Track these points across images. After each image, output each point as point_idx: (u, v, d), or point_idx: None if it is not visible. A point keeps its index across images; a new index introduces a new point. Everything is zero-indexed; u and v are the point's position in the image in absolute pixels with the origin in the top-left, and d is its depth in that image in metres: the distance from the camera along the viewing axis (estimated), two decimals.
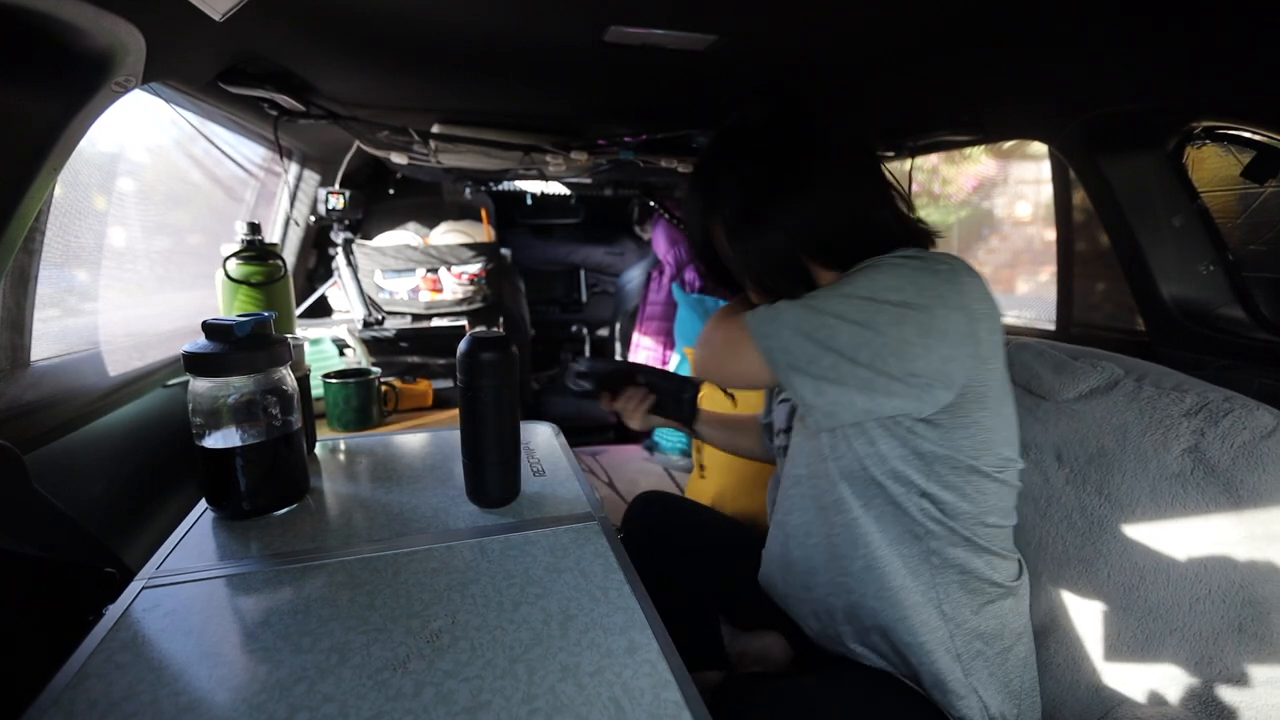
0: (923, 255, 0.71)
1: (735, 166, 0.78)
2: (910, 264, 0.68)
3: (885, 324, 0.66)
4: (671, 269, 2.78)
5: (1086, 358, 0.89)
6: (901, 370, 0.66)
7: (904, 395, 0.67)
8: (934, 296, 0.66)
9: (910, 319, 0.66)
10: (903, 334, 0.66)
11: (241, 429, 0.78)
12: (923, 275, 0.67)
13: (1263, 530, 0.68)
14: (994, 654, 0.75)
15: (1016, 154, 1.83)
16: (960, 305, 0.67)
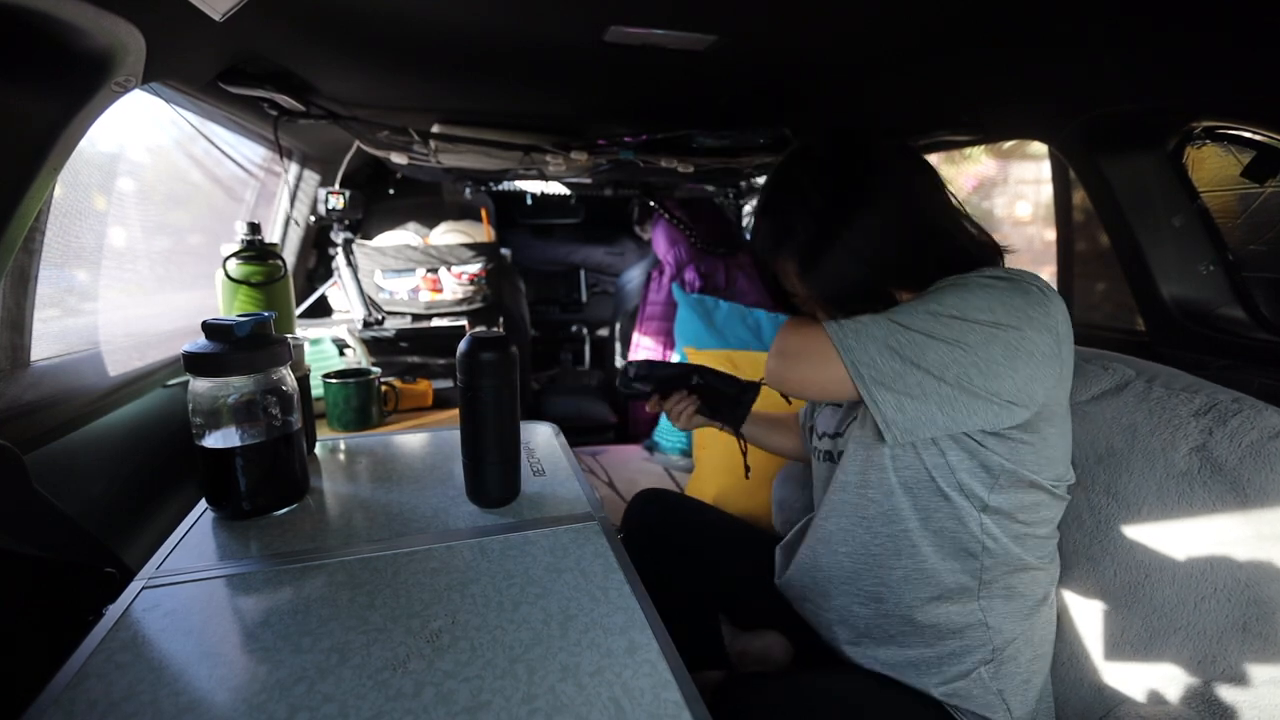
0: (1011, 276, 0.69)
1: (802, 200, 0.77)
2: (999, 284, 0.68)
3: (975, 343, 0.66)
4: (671, 269, 2.78)
5: (1098, 360, 0.90)
6: (986, 389, 0.66)
7: (985, 413, 0.68)
8: (1024, 318, 0.67)
9: (999, 338, 0.66)
10: (990, 353, 0.66)
11: (241, 429, 0.78)
12: (1014, 296, 0.67)
13: (1269, 530, 0.68)
14: (1026, 660, 0.75)
15: (1016, 154, 1.83)
16: (1049, 327, 0.68)
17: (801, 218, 0.77)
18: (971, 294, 0.67)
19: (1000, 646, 0.74)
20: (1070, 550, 0.84)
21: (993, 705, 0.73)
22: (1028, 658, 0.75)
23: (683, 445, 2.56)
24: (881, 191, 0.75)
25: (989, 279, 0.69)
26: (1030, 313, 0.67)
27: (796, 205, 0.77)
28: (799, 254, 0.78)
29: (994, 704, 0.73)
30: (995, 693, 0.73)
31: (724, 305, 2.42)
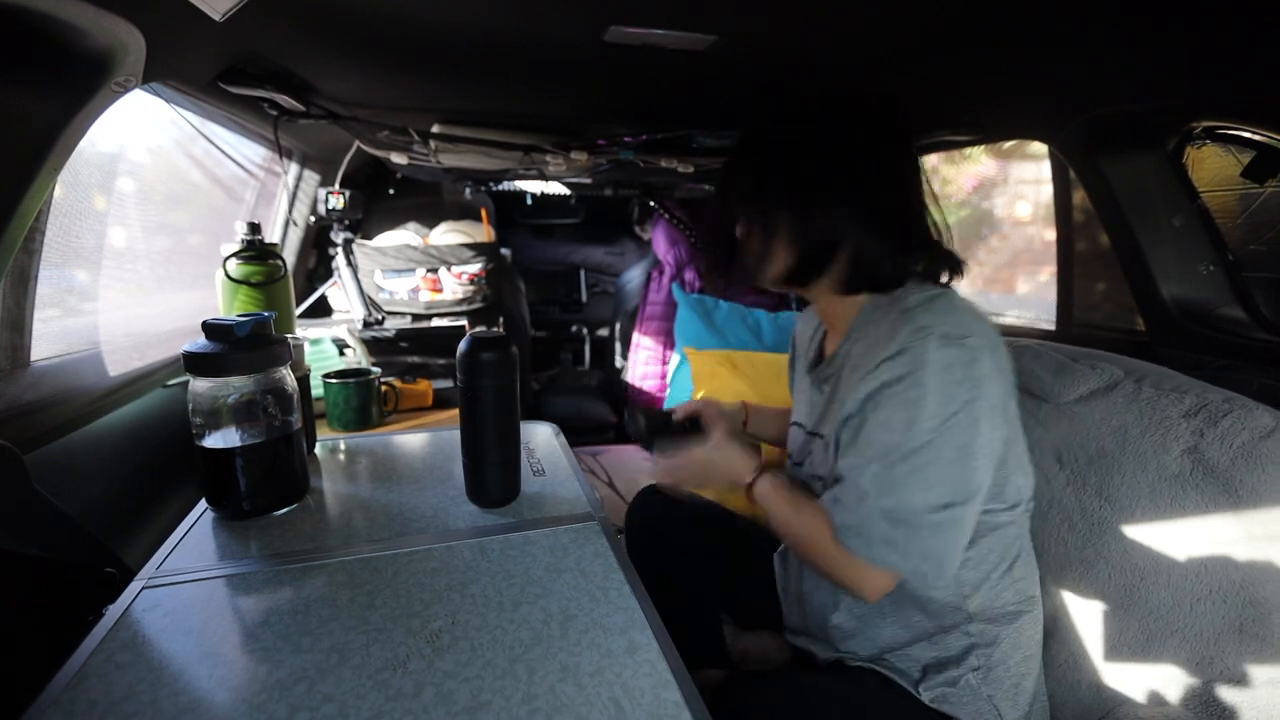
0: (960, 349, 0.68)
1: (796, 147, 0.78)
2: (951, 374, 0.67)
3: (951, 469, 0.67)
4: (671, 269, 2.78)
5: (1086, 359, 0.89)
6: (977, 488, 0.69)
7: (980, 499, 0.70)
8: (980, 408, 0.67)
9: (968, 447, 0.67)
10: (968, 466, 0.67)
11: (241, 429, 0.78)
12: (964, 387, 0.67)
13: (1262, 530, 0.68)
14: (1015, 664, 0.75)
15: (1016, 154, 1.83)
16: (1000, 400, 0.69)
17: (798, 172, 0.77)
18: (928, 402, 0.67)
19: (987, 652, 0.74)
20: (1063, 553, 0.84)
21: (983, 711, 0.73)
22: (1016, 661, 0.75)
23: None
24: (884, 159, 0.77)
25: (940, 371, 0.67)
26: (980, 397, 0.67)
27: (797, 159, 0.78)
28: (776, 196, 0.78)
29: (984, 710, 0.73)
30: (985, 698, 0.73)
31: (724, 305, 2.42)
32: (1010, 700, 0.74)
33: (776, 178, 0.78)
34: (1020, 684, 0.76)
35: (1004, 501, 0.74)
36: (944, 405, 0.66)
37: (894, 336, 0.70)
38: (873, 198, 0.76)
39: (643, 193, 2.63)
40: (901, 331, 0.70)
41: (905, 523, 0.67)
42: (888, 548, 0.68)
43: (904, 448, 0.67)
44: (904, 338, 0.69)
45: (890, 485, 0.68)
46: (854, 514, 0.70)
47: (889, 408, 0.69)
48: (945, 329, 0.68)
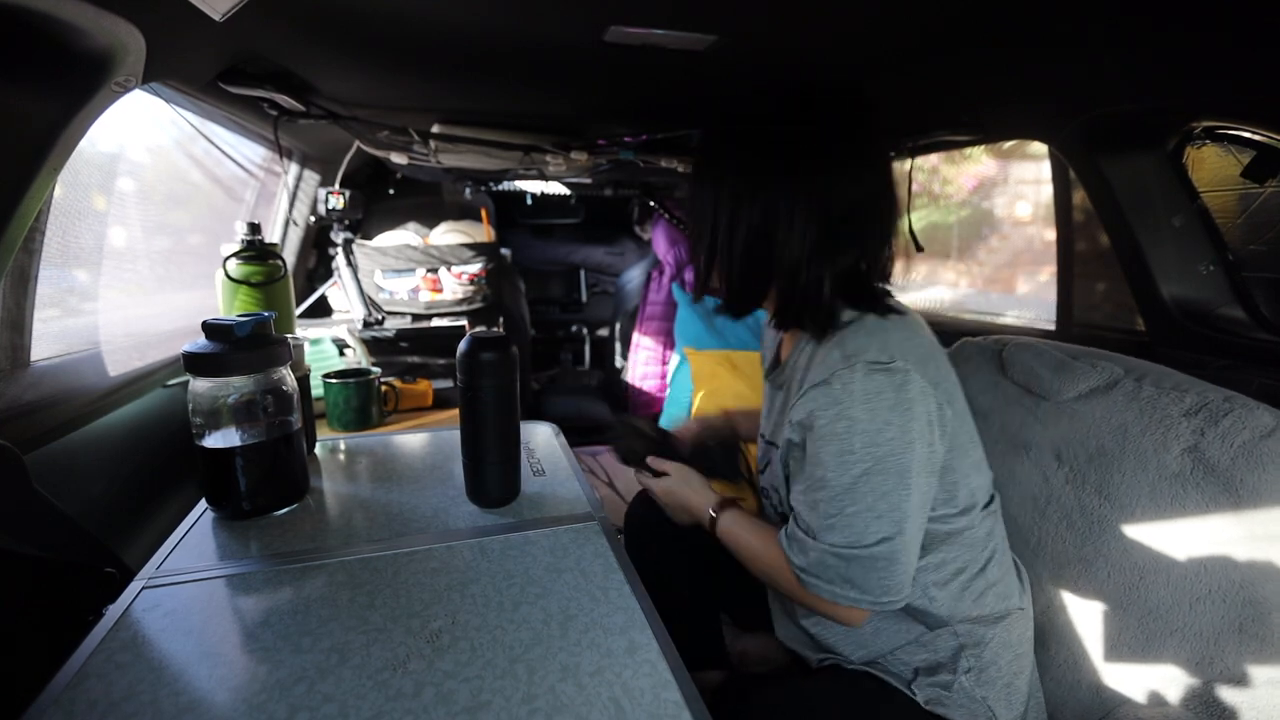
0: (887, 374, 0.68)
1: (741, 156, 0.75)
2: (881, 401, 0.67)
3: (895, 497, 0.67)
4: (671, 269, 2.78)
5: (1086, 357, 0.89)
6: (920, 507, 0.70)
7: (922, 516, 0.71)
8: (913, 430, 0.67)
9: (905, 471, 0.67)
10: (909, 489, 0.67)
11: (241, 429, 0.78)
12: (895, 413, 0.67)
13: (1263, 530, 0.68)
14: (1006, 663, 0.75)
15: (1016, 154, 1.83)
16: (935, 415, 0.70)
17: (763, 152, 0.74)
18: (859, 426, 0.67)
19: (976, 653, 0.74)
20: (1062, 551, 0.84)
21: (978, 713, 0.73)
22: (1007, 660, 0.75)
23: None
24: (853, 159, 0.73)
25: (865, 401, 0.67)
26: (913, 419, 0.67)
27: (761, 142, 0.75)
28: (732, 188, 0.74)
29: (979, 711, 0.73)
30: (979, 699, 0.73)
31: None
32: (1004, 700, 0.74)
33: (714, 188, 0.76)
34: (1013, 683, 0.76)
35: (955, 506, 0.74)
36: (877, 434, 0.66)
37: (825, 360, 0.71)
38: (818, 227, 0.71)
39: (643, 193, 2.63)
40: (832, 355, 0.70)
41: (858, 559, 0.68)
42: (846, 585, 0.68)
43: (842, 483, 0.67)
44: (833, 363, 0.69)
45: (836, 523, 0.68)
46: (806, 555, 0.70)
47: (823, 440, 0.69)
48: (870, 355, 0.68)
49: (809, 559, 0.70)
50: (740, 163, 0.74)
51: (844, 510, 0.67)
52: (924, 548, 0.74)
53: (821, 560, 0.69)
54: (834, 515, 0.68)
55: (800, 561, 0.71)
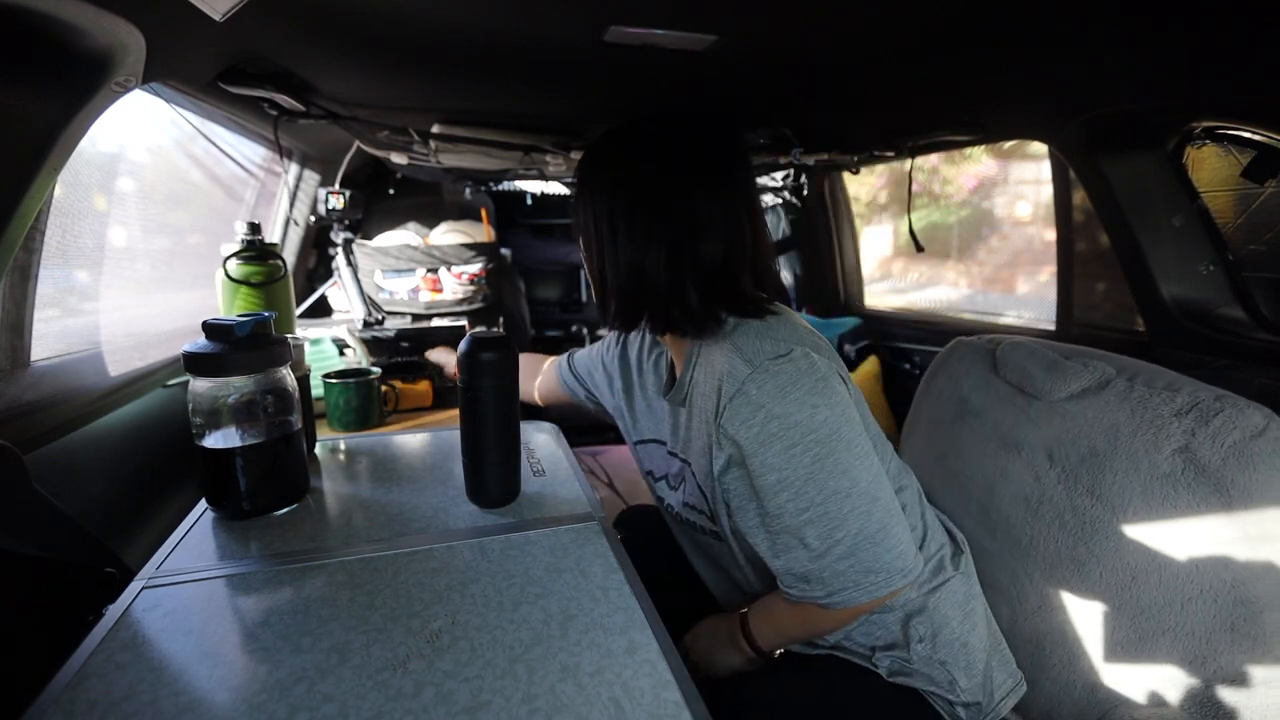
0: (790, 361, 0.70)
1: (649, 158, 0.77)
2: (798, 388, 0.68)
3: (865, 464, 0.69)
4: None
5: (1078, 357, 0.89)
6: (884, 469, 0.73)
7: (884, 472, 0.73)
8: (838, 400, 0.70)
9: (854, 440, 0.69)
10: (866, 459, 0.70)
11: (241, 429, 0.78)
12: (816, 395, 0.68)
13: (1254, 530, 0.68)
14: (957, 623, 0.78)
15: (1016, 154, 1.83)
16: (843, 387, 0.72)
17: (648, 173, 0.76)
18: (794, 433, 0.67)
19: (924, 619, 0.76)
20: (1054, 552, 0.84)
21: (938, 678, 0.75)
22: (958, 620, 0.78)
23: None
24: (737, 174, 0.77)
25: (792, 386, 0.68)
26: (835, 397, 0.70)
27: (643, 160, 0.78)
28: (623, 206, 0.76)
29: (939, 675, 0.75)
30: (938, 664, 0.75)
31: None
32: (962, 664, 0.76)
33: (596, 198, 0.78)
34: (968, 642, 0.77)
35: None
36: (810, 419, 0.67)
37: (730, 371, 0.71)
38: (693, 238, 0.74)
39: None
40: (734, 365, 0.71)
41: (857, 547, 0.68)
42: (867, 575, 0.68)
43: (799, 475, 0.67)
44: (738, 373, 0.70)
45: (812, 516, 0.68)
46: (827, 584, 0.69)
47: (763, 446, 0.68)
48: (768, 351, 0.71)
49: (834, 585, 0.69)
50: (613, 175, 0.77)
51: (814, 502, 0.67)
52: None
53: (834, 573, 0.68)
54: (805, 510, 0.68)
55: (821, 593, 0.69)
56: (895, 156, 1.65)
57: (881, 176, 2.36)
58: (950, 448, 1.00)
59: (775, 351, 0.70)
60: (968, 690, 0.75)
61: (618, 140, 0.80)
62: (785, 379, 0.68)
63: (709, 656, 0.85)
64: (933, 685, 0.75)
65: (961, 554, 0.86)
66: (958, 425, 1.00)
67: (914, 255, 2.18)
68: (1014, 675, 0.83)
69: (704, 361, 0.78)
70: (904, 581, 0.69)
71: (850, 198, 2.29)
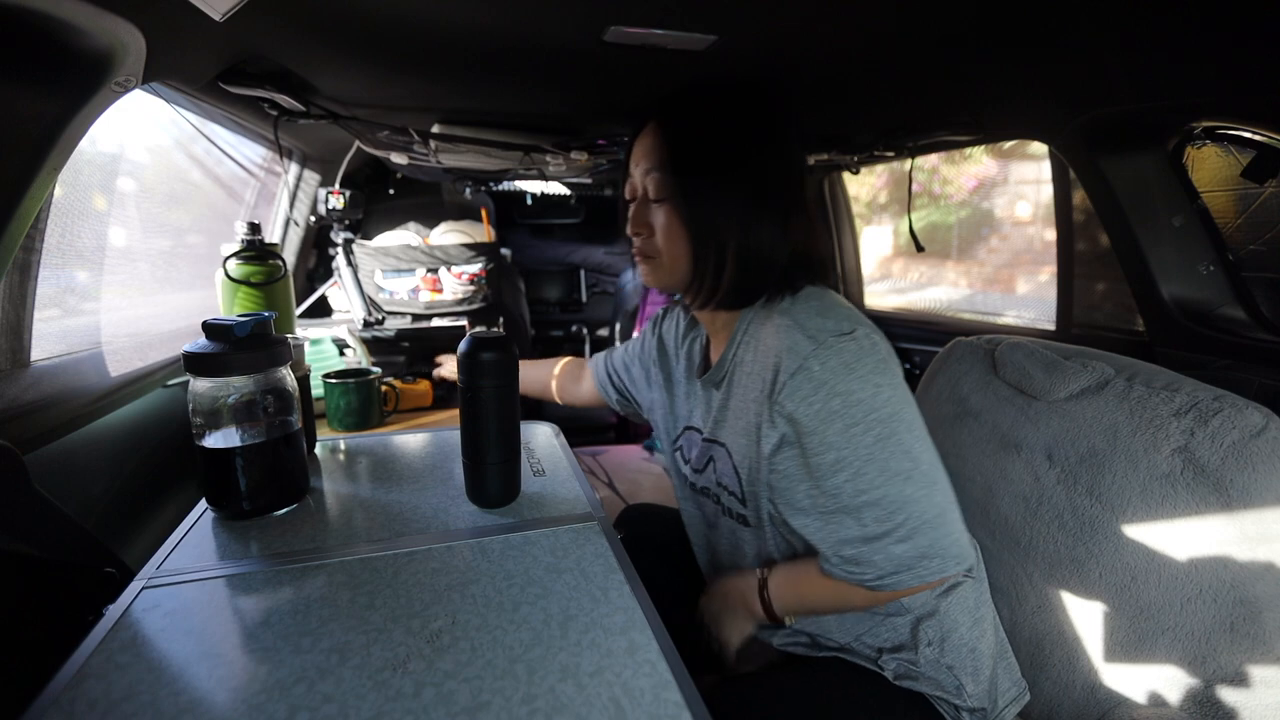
0: (855, 341, 0.68)
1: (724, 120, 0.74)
2: (863, 365, 0.67)
3: (915, 449, 0.68)
4: None
5: (1077, 357, 0.90)
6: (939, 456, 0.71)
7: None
8: (898, 383, 0.69)
9: (914, 420, 0.69)
10: (926, 443, 0.69)
11: (241, 429, 0.78)
12: (880, 374, 0.68)
13: (1253, 529, 0.68)
14: (966, 628, 0.77)
15: (1016, 154, 1.83)
16: (901, 374, 0.71)
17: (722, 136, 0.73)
18: (851, 410, 0.66)
19: (934, 623, 0.75)
20: (1055, 552, 0.84)
21: (945, 682, 0.74)
22: (966, 626, 0.76)
23: None
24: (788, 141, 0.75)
25: (855, 363, 0.67)
26: (889, 366, 0.69)
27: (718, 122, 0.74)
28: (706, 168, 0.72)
29: (946, 680, 0.74)
30: (945, 668, 0.74)
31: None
32: (969, 668, 0.75)
33: (677, 158, 0.73)
34: (976, 647, 0.76)
35: None
36: (874, 399, 0.66)
37: (790, 347, 0.69)
38: (775, 195, 0.73)
39: None
40: (795, 339, 0.69)
41: (916, 531, 0.66)
42: (923, 560, 0.66)
43: (860, 455, 0.66)
44: (800, 349, 0.68)
45: (871, 499, 0.66)
46: (879, 566, 0.67)
47: (823, 423, 0.67)
48: (830, 326, 0.69)
49: (878, 566, 0.67)
50: (726, 147, 0.73)
51: (874, 484, 0.66)
52: None
53: (889, 556, 0.66)
54: (864, 491, 0.66)
55: (871, 575, 0.68)
56: (895, 156, 1.65)
57: (881, 176, 2.36)
58: (949, 448, 1.00)
59: (839, 329, 0.68)
60: (974, 696, 0.74)
61: (713, 111, 0.74)
62: (850, 356, 0.67)
63: (718, 619, 0.83)
64: (939, 690, 0.74)
65: (975, 559, 0.85)
66: (957, 425, 1.00)
67: (914, 255, 2.18)
68: (1018, 684, 0.82)
69: (751, 340, 0.76)
70: (958, 568, 0.67)
71: (850, 198, 2.29)
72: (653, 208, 0.76)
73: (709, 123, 0.74)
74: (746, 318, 0.78)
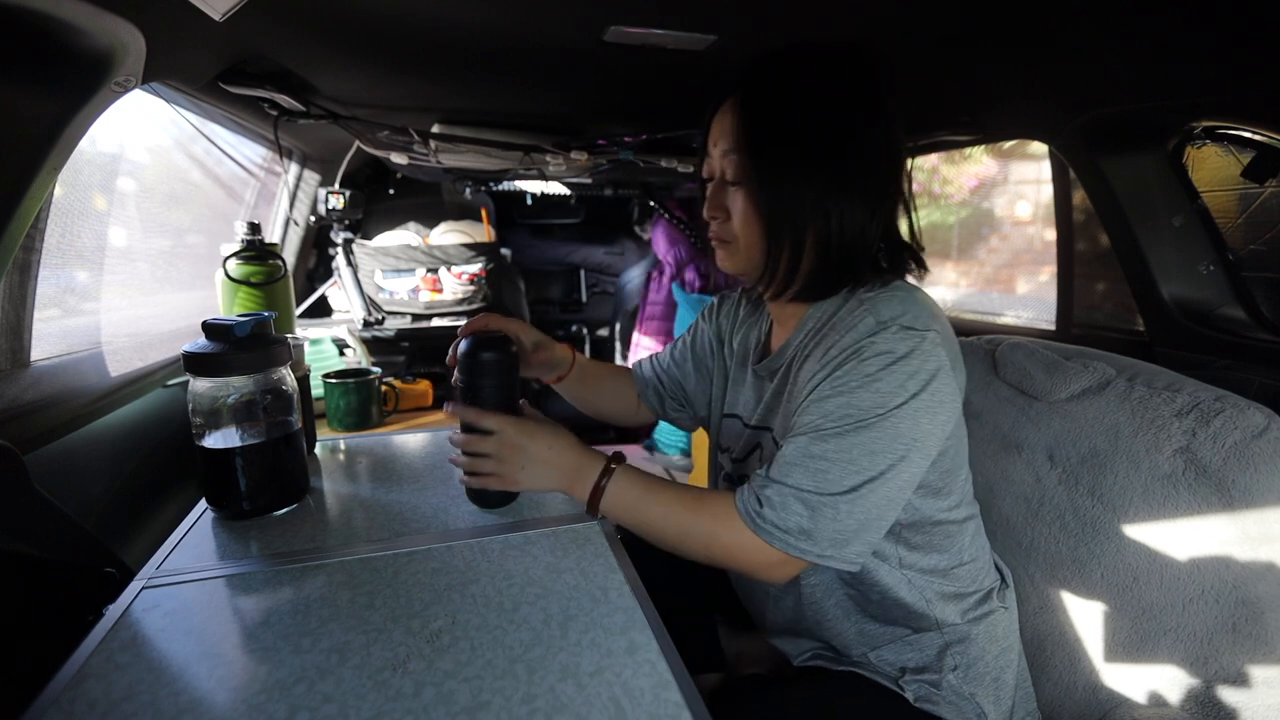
0: (921, 340, 0.64)
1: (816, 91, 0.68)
2: (907, 365, 0.63)
3: (883, 454, 0.63)
4: (671, 269, 2.78)
5: (1079, 358, 0.89)
6: (904, 473, 0.65)
7: (901, 481, 0.66)
8: (923, 402, 0.64)
9: (904, 436, 0.63)
10: (897, 453, 0.63)
11: (241, 429, 0.78)
12: (915, 381, 0.63)
13: (1255, 530, 0.68)
14: (992, 657, 0.75)
15: (1016, 154, 1.83)
16: (949, 397, 0.66)
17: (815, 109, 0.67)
18: (860, 393, 0.63)
19: (962, 649, 0.74)
20: (1056, 553, 0.84)
21: (966, 710, 0.73)
22: (993, 655, 0.75)
23: (682, 445, 2.56)
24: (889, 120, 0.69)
25: (887, 361, 0.63)
26: (930, 384, 0.64)
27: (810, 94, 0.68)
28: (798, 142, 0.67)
29: (968, 708, 0.73)
30: (968, 696, 0.73)
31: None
32: (991, 696, 0.74)
33: (756, 133, 0.68)
34: (1000, 678, 0.76)
35: (950, 500, 0.74)
36: (890, 397, 0.63)
37: (854, 327, 0.66)
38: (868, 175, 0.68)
39: (643, 193, 2.63)
40: (865, 322, 0.66)
41: (822, 506, 0.63)
42: (801, 536, 0.63)
43: (833, 430, 0.63)
44: (864, 329, 0.65)
45: (811, 466, 0.63)
46: (770, 494, 0.64)
47: (834, 392, 0.64)
48: (907, 320, 0.65)
49: (773, 497, 0.63)
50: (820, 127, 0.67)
51: (824, 455, 0.63)
52: (924, 548, 0.74)
53: (784, 502, 0.63)
54: (812, 459, 0.63)
55: (760, 500, 0.64)
56: None
57: None
58: None
59: (919, 324, 0.65)
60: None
61: (797, 83, 0.68)
62: (909, 348, 0.63)
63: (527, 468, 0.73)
64: (959, 716, 0.72)
65: (1007, 588, 0.82)
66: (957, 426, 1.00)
67: None
68: (1033, 713, 0.81)
69: (821, 328, 0.73)
70: (815, 559, 0.63)
71: None
72: (730, 190, 0.73)
73: (791, 96, 0.67)
74: (821, 305, 0.74)
